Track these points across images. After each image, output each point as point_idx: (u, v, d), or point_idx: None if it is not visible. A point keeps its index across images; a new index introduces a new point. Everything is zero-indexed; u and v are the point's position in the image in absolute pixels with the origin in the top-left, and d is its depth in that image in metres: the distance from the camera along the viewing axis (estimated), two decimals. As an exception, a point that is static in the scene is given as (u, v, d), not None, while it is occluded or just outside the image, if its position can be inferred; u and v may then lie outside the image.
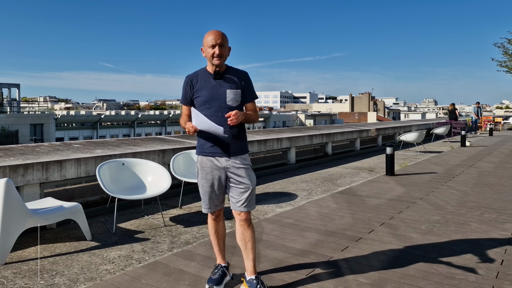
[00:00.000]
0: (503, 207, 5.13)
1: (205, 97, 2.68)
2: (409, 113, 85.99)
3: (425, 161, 9.69)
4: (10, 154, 4.74)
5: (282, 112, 77.21)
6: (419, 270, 3.07)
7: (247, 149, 2.82)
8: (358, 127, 13.45)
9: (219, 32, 2.67)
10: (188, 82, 2.76)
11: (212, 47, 2.63)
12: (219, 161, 2.70)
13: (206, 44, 2.65)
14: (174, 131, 51.14)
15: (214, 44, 2.62)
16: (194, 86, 2.74)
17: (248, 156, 2.82)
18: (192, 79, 2.75)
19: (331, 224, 4.35)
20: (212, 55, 2.63)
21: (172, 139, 7.19)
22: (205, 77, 2.72)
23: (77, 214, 3.88)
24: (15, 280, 3.01)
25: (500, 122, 29.51)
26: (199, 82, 2.72)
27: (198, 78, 2.74)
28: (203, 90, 2.70)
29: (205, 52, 2.69)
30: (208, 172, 2.72)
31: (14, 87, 37.13)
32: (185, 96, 2.78)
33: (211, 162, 2.72)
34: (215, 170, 2.71)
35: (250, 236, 2.71)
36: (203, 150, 2.75)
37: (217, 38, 2.63)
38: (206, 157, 2.74)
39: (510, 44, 22.28)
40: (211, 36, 2.64)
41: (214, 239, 2.89)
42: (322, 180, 7.27)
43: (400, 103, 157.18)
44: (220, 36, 2.64)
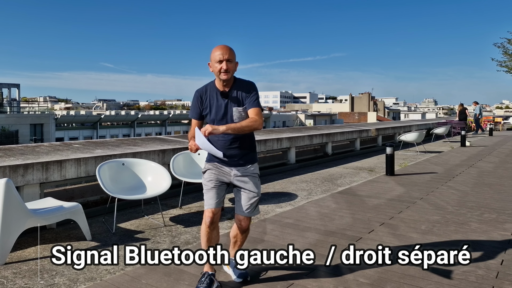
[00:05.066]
0: (503, 207, 5.13)
1: (213, 116, 2.74)
2: (409, 113, 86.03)
3: (425, 161, 9.69)
4: (10, 154, 4.74)
5: (282, 112, 77.25)
6: (419, 270, 3.07)
7: (256, 159, 2.86)
8: (358, 127, 13.45)
9: (226, 47, 2.68)
10: (198, 97, 2.80)
11: (220, 62, 2.64)
12: (227, 170, 2.78)
13: (214, 59, 2.66)
14: (174, 131, 51.14)
15: (222, 59, 2.63)
16: (203, 102, 2.78)
17: (257, 165, 2.86)
18: (202, 94, 2.79)
19: (331, 224, 4.36)
20: (219, 70, 2.64)
21: (172, 139, 7.20)
22: (213, 93, 2.76)
23: (77, 214, 3.88)
24: (15, 280, 3.02)
25: (500, 122, 29.50)
26: (208, 99, 2.77)
27: (207, 94, 2.78)
28: (212, 108, 2.75)
29: (212, 67, 2.70)
30: (215, 173, 2.79)
31: (14, 87, 37.15)
32: (195, 111, 2.81)
33: (220, 170, 2.79)
34: (222, 176, 2.79)
35: (242, 239, 2.96)
36: (212, 159, 2.81)
37: (224, 54, 2.64)
38: (214, 163, 2.81)
39: (510, 44, 22.34)
40: (218, 51, 2.65)
41: (205, 246, 2.76)
42: (322, 180, 7.28)
43: (400, 103, 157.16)
44: (228, 51, 2.65)
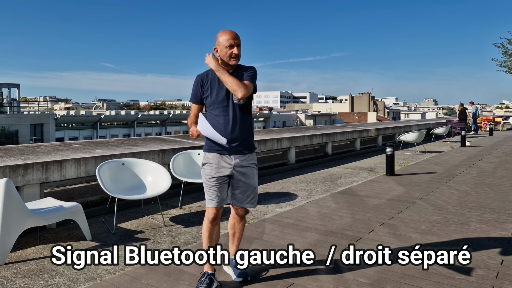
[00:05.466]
0: (503, 207, 5.13)
1: (214, 97, 2.72)
2: (409, 113, 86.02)
3: (425, 161, 9.69)
4: (10, 154, 4.74)
5: (282, 112, 77.21)
6: (419, 270, 3.06)
7: (254, 146, 2.86)
8: (358, 127, 13.45)
9: (234, 32, 2.69)
10: (198, 81, 2.79)
11: (230, 47, 2.64)
12: (227, 159, 2.75)
13: (222, 44, 2.65)
14: (174, 131, 51.11)
15: (233, 44, 2.63)
16: (204, 85, 2.77)
17: (255, 155, 2.86)
18: (203, 78, 2.78)
19: (331, 224, 4.35)
20: (230, 55, 2.64)
21: (172, 139, 7.19)
22: (215, 77, 2.74)
23: (77, 214, 3.88)
24: (15, 280, 3.02)
25: (500, 122, 29.49)
26: (209, 82, 2.75)
27: (208, 77, 2.77)
28: (212, 90, 2.74)
29: (220, 51, 2.68)
30: (215, 168, 2.75)
31: (14, 87, 37.14)
32: (195, 94, 2.80)
33: (219, 159, 2.75)
34: (222, 168, 2.74)
35: (240, 228, 2.95)
36: (211, 147, 2.77)
37: (235, 38, 2.65)
38: (214, 153, 2.76)
39: (510, 44, 22.31)
40: (228, 36, 2.64)
41: (206, 243, 2.80)
42: (322, 180, 7.27)
43: (400, 103, 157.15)
44: (238, 37, 2.67)
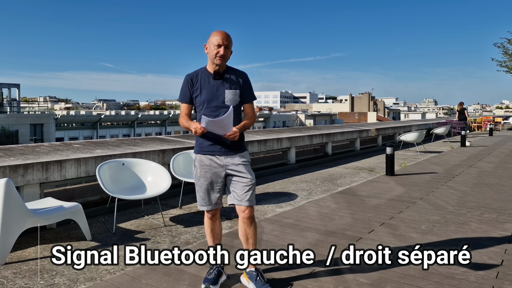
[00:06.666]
0: (503, 207, 5.13)
1: (204, 97, 2.72)
2: (409, 113, 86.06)
3: (425, 161, 9.69)
4: (10, 154, 4.74)
5: (282, 112, 77.24)
6: (419, 270, 3.06)
7: (245, 147, 2.86)
8: (358, 127, 13.45)
9: (226, 33, 2.71)
10: (188, 80, 2.78)
11: (218, 46, 2.67)
12: (218, 159, 2.74)
13: (212, 42, 2.69)
14: (174, 131, 51.12)
15: (220, 44, 2.66)
16: (194, 85, 2.76)
17: (247, 153, 2.85)
18: (193, 78, 2.78)
19: (331, 224, 4.35)
20: (215, 54, 2.67)
21: (172, 139, 7.19)
22: (205, 76, 2.75)
23: (77, 214, 3.88)
24: (15, 280, 3.02)
25: (500, 122, 29.47)
26: (199, 81, 2.75)
27: (198, 77, 2.77)
28: (202, 89, 2.73)
29: (208, 49, 2.72)
30: (207, 170, 2.75)
31: (14, 87, 37.16)
32: (184, 94, 2.79)
33: (210, 161, 2.75)
34: (214, 168, 2.75)
35: (252, 233, 2.78)
36: (202, 148, 2.78)
37: (224, 39, 2.67)
38: (205, 155, 2.77)
39: (510, 44, 22.32)
40: (218, 36, 2.68)
41: (209, 238, 2.92)
42: (322, 180, 7.27)
43: (400, 103, 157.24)
44: (227, 38, 2.70)
